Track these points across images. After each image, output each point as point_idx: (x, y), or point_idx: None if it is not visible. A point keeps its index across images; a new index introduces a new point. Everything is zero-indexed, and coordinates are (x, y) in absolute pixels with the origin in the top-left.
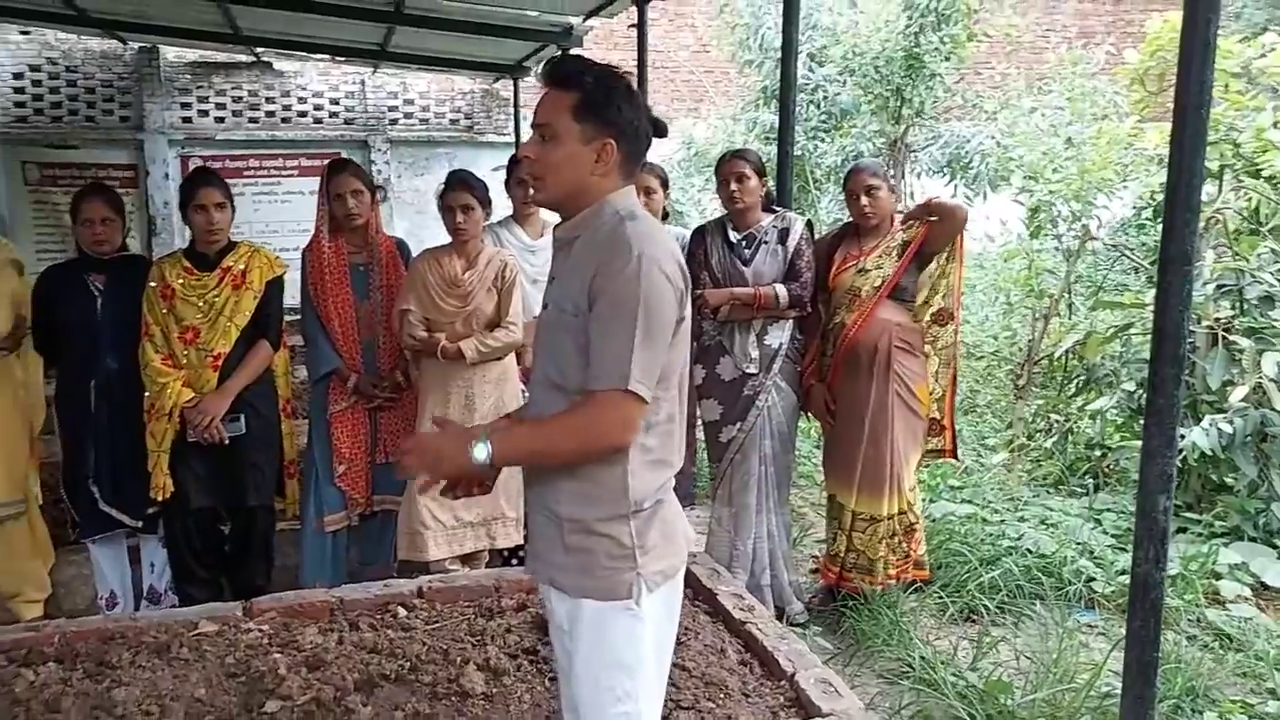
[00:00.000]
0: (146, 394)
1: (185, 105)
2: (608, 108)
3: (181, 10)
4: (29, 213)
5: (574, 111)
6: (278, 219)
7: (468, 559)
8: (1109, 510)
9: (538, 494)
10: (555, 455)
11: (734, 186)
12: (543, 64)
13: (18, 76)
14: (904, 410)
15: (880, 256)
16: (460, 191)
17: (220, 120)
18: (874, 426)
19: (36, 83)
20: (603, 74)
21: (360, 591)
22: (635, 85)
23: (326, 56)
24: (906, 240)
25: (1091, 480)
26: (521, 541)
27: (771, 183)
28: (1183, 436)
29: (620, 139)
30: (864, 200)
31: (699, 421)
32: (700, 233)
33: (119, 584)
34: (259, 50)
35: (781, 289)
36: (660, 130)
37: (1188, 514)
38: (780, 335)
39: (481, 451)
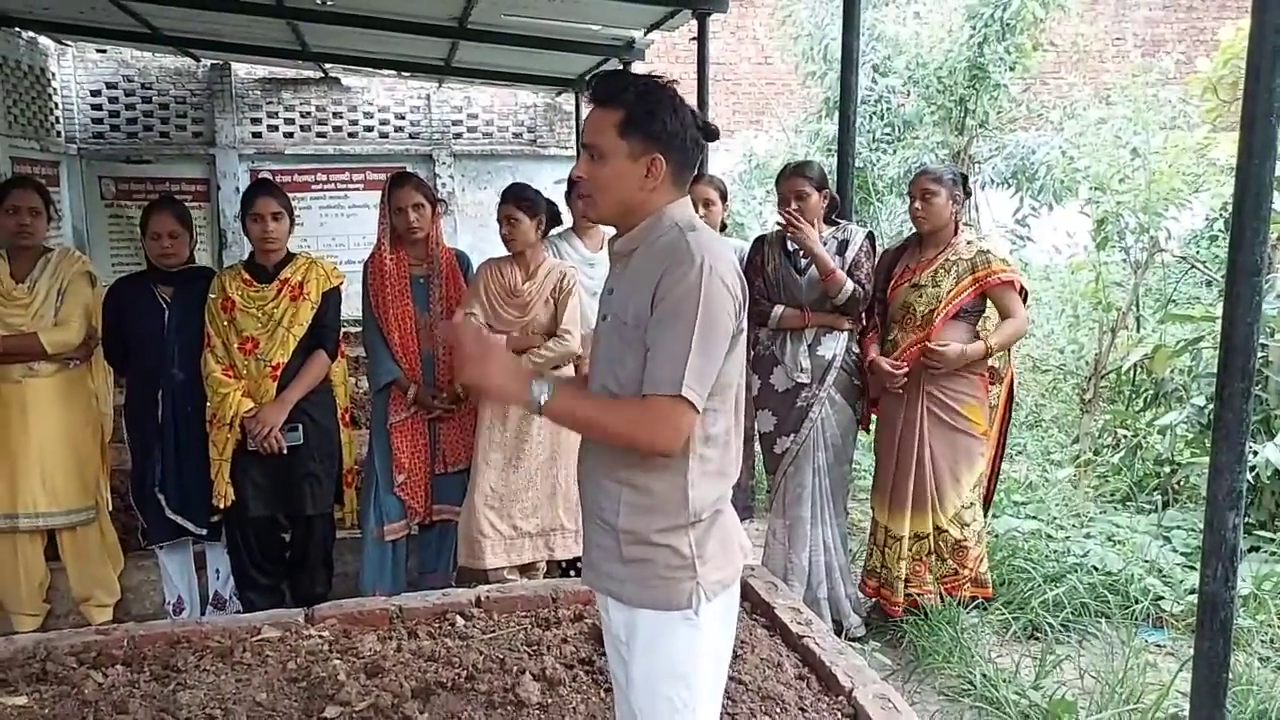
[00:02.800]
0: (208, 404)
1: (255, 120)
2: (652, 123)
3: (252, 28)
4: (105, 226)
5: (619, 129)
6: (344, 232)
7: (525, 569)
8: (1179, 527)
9: (593, 505)
10: (603, 432)
11: (795, 206)
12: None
13: (95, 94)
14: (944, 429)
15: (936, 272)
16: (506, 204)
17: (289, 135)
18: (903, 445)
19: (113, 100)
20: (645, 89)
21: (419, 600)
22: (680, 94)
23: (392, 72)
24: (972, 274)
25: (1160, 497)
26: (580, 553)
27: (834, 192)
28: (1255, 453)
29: (668, 153)
30: (917, 203)
31: (755, 433)
32: (760, 242)
33: (185, 590)
34: (327, 66)
35: (849, 281)
36: (710, 134)
37: (1261, 532)
38: (834, 346)
39: (541, 392)
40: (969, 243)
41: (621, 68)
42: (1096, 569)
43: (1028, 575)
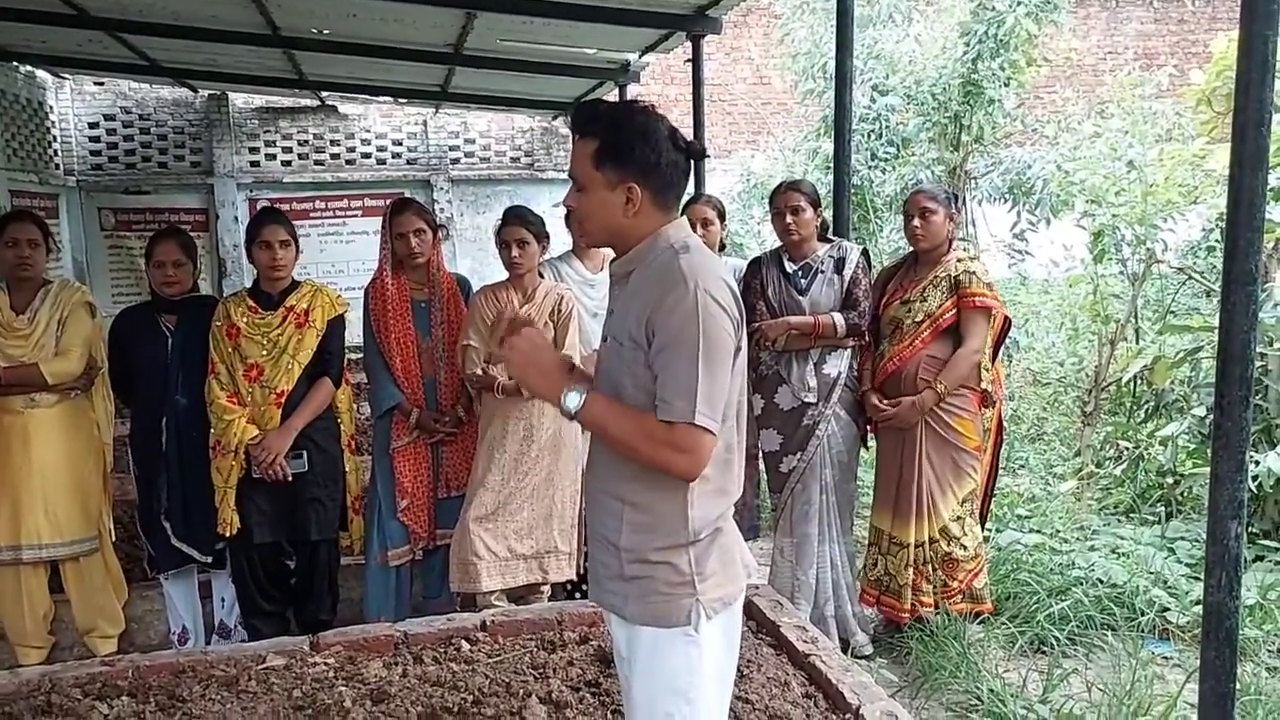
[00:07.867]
0: (212, 430)
1: (253, 149)
2: (625, 153)
3: (249, 58)
4: (105, 257)
5: (594, 160)
6: (343, 258)
7: (520, 595)
8: (1183, 539)
9: (597, 523)
10: (629, 450)
11: (789, 219)
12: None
13: (93, 126)
14: (939, 442)
15: (926, 289)
16: (515, 226)
17: (287, 163)
18: (902, 455)
19: (111, 131)
20: (616, 118)
21: (424, 625)
22: (655, 117)
23: (389, 98)
24: (954, 291)
25: (1164, 508)
26: (574, 576)
27: (827, 213)
28: (1257, 462)
29: (644, 179)
30: (916, 221)
31: (759, 452)
32: (756, 264)
33: (190, 619)
34: (324, 94)
35: (839, 317)
36: (693, 154)
37: (1265, 542)
38: (839, 364)
39: (574, 400)
40: (958, 260)
41: (617, 89)
42: (1101, 581)
43: (1032, 589)
